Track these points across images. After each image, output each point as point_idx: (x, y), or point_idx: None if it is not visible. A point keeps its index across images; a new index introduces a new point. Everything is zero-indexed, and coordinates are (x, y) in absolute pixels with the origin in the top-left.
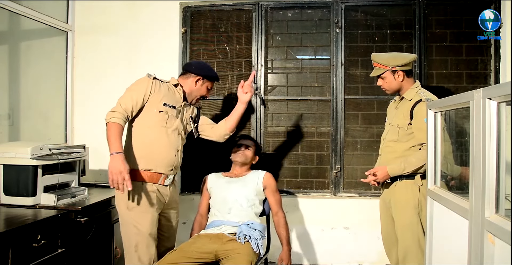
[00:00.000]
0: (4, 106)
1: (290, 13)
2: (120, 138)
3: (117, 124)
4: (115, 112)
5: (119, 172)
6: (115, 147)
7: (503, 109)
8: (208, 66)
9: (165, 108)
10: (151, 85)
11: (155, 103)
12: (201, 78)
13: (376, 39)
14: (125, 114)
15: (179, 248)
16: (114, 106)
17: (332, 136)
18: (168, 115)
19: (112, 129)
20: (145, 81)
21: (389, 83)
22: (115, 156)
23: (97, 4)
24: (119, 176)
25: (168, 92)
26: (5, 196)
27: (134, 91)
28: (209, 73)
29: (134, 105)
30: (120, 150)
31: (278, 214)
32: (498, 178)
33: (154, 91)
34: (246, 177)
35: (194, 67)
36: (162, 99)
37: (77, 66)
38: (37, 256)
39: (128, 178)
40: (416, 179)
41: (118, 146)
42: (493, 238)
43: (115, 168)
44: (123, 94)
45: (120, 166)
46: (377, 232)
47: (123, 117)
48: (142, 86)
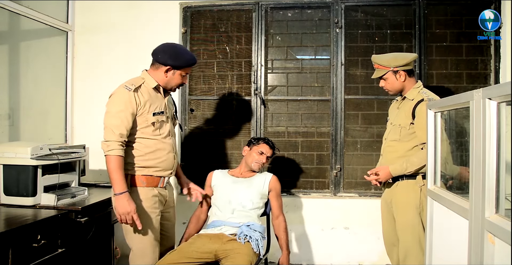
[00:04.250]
0: (4, 106)
1: (290, 13)
2: (122, 173)
3: (117, 157)
4: (111, 142)
5: (126, 212)
6: (119, 187)
7: (503, 109)
8: (176, 51)
9: (155, 117)
10: (135, 99)
11: (144, 115)
12: (170, 68)
13: (376, 39)
14: (122, 139)
15: (179, 248)
16: (105, 134)
17: (332, 136)
18: (159, 123)
19: (112, 164)
20: (126, 97)
21: (391, 84)
22: (120, 197)
23: (97, 4)
24: (127, 216)
25: (151, 98)
26: (5, 196)
27: (121, 112)
28: (177, 62)
29: (127, 127)
30: (124, 189)
31: (280, 218)
32: (498, 178)
33: (140, 104)
34: (252, 178)
35: (160, 55)
36: (150, 109)
37: (77, 66)
38: (37, 256)
39: (137, 217)
40: (418, 179)
41: (122, 185)
42: (493, 238)
43: (122, 208)
44: (107, 116)
45: (127, 207)
46: (377, 232)
47: (121, 145)
48: (126, 104)
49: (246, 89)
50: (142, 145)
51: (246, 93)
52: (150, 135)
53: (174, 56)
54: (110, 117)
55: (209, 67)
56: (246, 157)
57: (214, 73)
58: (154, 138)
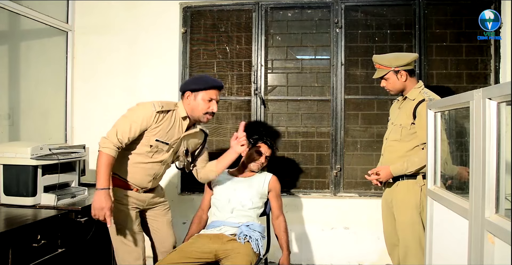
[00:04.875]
0: (4, 106)
1: (290, 13)
2: (108, 171)
3: (109, 156)
4: (109, 142)
5: (100, 208)
6: (101, 183)
7: (503, 109)
8: (199, 77)
9: (157, 143)
10: (153, 119)
11: (149, 137)
12: (189, 92)
13: (376, 39)
14: (119, 145)
15: (179, 248)
16: (110, 132)
17: (332, 136)
18: (157, 150)
19: (102, 160)
20: (149, 114)
21: (392, 84)
22: (100, 192)
23: (97, 4)
24: (101, 212)
25: (169, 127)
26: (5, 196)
27: (134, 123)
28: (196, 85)
29: (131, 138)
30: (106, 186)
31: (280, 218)
32: (498, 178)
33: (153, 126)
34: (252, 178)
35: (184, 85)
36: (157, 135)
37: (77, 66)
38: (37, 256)
39: (109, 214)
40: (418, 179)
41: (105, 182)
42: (493, 238)
43: (98, 203)
44: (122, 119)
45: (102, 203)
46: (377, 232)
47: (116, 148)
48: (143, 119)
49: (246, 89)
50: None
51: (246, 93)
52: (143, 152)
53: (195, 82)
54: (123, 122)
55: (209, 67)
56: (245, 158)
57: (214, 73)
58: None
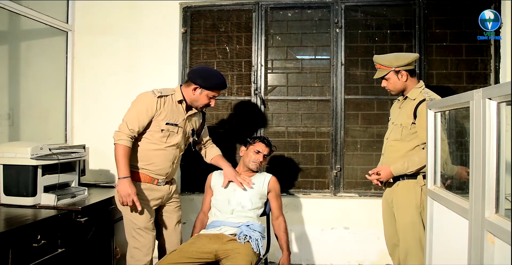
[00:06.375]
0: (4, 106)
1: (290, 13)
2: (127, 161)
3: (125, 147)
4: (122, 134)
5: (127, 194)
6: (123, 172)
7: (503, 109)
8: (209, 74)
9: (167, 126)
10: (156, 104)
11: (158, 122)
12: (198, 87)
13: (376, 39)
14: (132, 135)
15: (179, 249)
16: (120, 125)
17: (332, 136)
18: (169, 133)
19: (119, 152)
20: (151, 101)
21: (393, 84)
22: (123, 180)
23: (97, 4)
24: (128, 198)
25: (172, 109)
26: (5, 196)
27: (141, 112)
28: (206, 83)
29: (140, 126)
30: (127, 174)
31: (279, 219)
32: (498, 178)
33: (159, 110)
34: (251, 178)
35: (192, 75)
36: (165, 119)
37: (77, 66)
38: (37, 256)
39: (137, 199)
40: (418, 179)
41: (126, 170)
42: (493, 238)
43: (123, 191)
44: (128, 112)
45: (128, 189)
46: (377, 232)
47: (130, 138)
48: (148, 107)
49: (246, 89)
50: (144, 147)
51: (246, 93)
52: (157, 139)
53: (205, 77)
54: (130, 113)
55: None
56: (244, 157)
57: None
58: (159, 144)
